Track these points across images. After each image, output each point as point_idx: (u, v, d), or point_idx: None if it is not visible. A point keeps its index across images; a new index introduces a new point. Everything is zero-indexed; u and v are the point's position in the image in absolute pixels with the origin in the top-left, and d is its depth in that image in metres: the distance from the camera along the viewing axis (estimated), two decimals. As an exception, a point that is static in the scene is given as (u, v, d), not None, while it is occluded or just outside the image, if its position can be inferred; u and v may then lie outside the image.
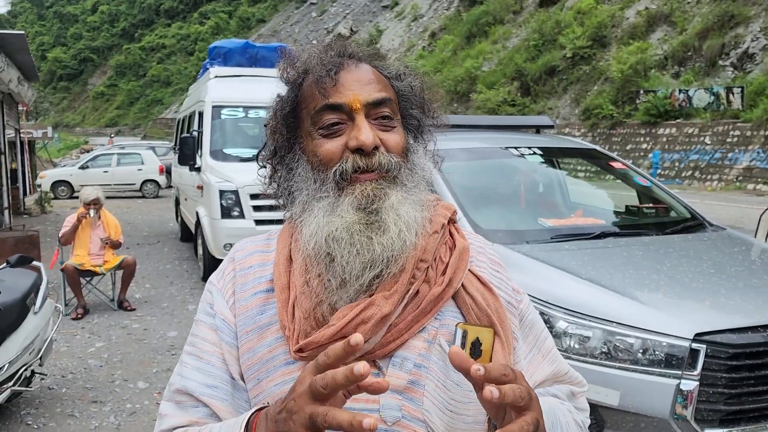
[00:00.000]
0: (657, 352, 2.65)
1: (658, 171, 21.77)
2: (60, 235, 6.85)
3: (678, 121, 22.61)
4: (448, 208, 1.13)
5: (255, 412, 0.90)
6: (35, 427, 4.18)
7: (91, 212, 6.78)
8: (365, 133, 0.98)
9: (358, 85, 1.02)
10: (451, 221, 1.13)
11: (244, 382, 1.03)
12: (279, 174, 1.11)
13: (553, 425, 0.99)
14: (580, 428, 1.10)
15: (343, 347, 0.76)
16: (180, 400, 1.03)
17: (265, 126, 1.13)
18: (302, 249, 1.02)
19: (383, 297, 0.97)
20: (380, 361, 0.99)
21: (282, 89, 1.11)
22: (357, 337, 0.75)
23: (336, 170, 0.99)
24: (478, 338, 0.98)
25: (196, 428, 0.99)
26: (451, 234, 1.10)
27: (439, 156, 1.17)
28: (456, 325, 0.98)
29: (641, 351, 2.68)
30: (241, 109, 8.81)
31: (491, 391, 0.76)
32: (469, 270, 1.07)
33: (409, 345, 0.99)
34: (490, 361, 0.98)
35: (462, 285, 1.04)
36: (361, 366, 0.73)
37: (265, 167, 1.15)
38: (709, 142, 21.11)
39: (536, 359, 1.12)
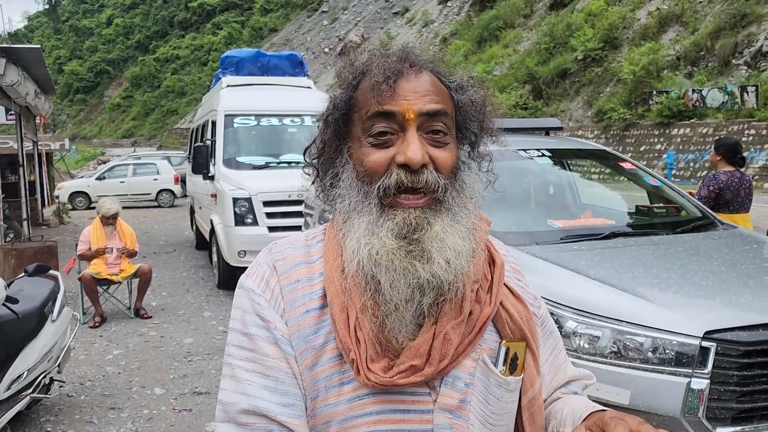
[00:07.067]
0: (667, 351, 2.65)
1: (673, 172, 21.60)
2: (78, 254, 6.96)
3: (692, 121, 22.43)
4: (487, 222, 1.12)
5: None
6: (55, 433, 4.25)
7: (108, 256, 6.91)
8: (414, 149, 0.94)
9: (415, 96, 0.97)
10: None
11: None
12: (326, 176, 1.07)
13: None
14: None
15: None
16: (248, 422, 0.96)
17: (318, 120, 1.09)
18: (348, 268, 0.99)
19: (452, 328, 0.98)
20: (434, 381, 1.00)
21: (326, 92, 1.11)
22: None
23: (380, 185, 0.96)
24: (516, 353, 1.05)
25: None
26: (487, 247, 1.10)
27: (494, 173, 1.12)
28: (500, 343, 1.04)
29: (651, 350, 2.68)
30: (253, 118, 8.89)
31: None
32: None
33: (461, 365, 1.00)
34: (524, 371, 1.05)
35: None
36: None
37: (311, 165, 1.11)
38: (724, 142, 20.88)
39: (555, 363, 1.17)
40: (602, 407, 1.05)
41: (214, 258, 8.71)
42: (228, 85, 9.84)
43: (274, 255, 1.06)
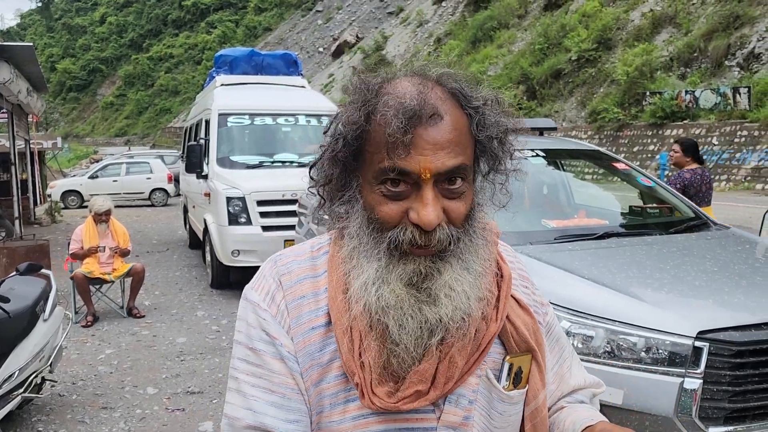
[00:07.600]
0: (660, 351, 2.66)
1: (666, 172, 21.68)
2: (70, 252, 6.92)
3: (685, 122, 22.51)
4: (497, 234, 1.08)
5: None
6: (46, 433, 4.22)
7: (101, 255, 6.86)
8: (429, 212, 0.89)
9: (432, 150, 0.89)
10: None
11: None
12: (332, 203, 1.02)
13: None
14: None
15: None
16: None
17: (324, 133, 1.01)
18: (352, 308, 0.96)
19: (458, 350, 0.97)
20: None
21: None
22: None
23: (392, 237, 0.92)
24: (520, 367, 1.04)
25: None
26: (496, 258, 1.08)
27: (509, 192, 1.06)
28: (504, 359, 1.03)
29: (644, 350, 2.69)
30: (247, 117, 8.87)
31: None
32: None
33: (465, 382, 1.00)
34: (527, 383, 1.05)
35: None
36: None
37: (315, 185, 1.04)
38: (716, 143, 21.00)
39: (560, 371, 1.16)
40: (597, 420, 1.05)
41: (208, 257, 8.69)
42: (222, 84, 9.82)
43: (279, 268, 1.03)
